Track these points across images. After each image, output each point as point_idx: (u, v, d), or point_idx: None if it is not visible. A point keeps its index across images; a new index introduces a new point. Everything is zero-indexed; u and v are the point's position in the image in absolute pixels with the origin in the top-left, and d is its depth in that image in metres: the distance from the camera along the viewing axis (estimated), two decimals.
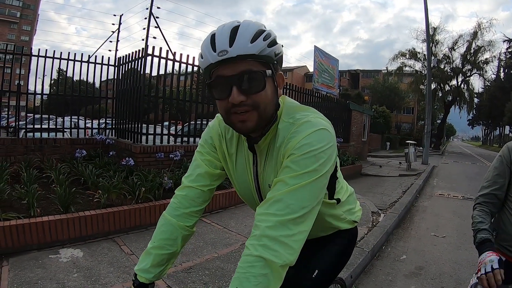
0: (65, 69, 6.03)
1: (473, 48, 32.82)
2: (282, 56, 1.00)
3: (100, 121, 6.71)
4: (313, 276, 1.26)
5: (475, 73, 34.57)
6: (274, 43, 0.95)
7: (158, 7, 27.67)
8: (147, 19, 24.96)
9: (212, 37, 0.92)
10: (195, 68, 6.31)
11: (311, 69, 22.53)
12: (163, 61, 5.75)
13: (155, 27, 25.11)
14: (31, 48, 5.81)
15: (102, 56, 6.46)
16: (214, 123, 1.23)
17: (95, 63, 6.34)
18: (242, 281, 0.83)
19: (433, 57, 25.07)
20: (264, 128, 1.03)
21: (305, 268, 1.26)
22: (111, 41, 27.89)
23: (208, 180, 1.19)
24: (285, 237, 0.86)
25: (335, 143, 1.00)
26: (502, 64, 41.24)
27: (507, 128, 55.84)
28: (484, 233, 1.50)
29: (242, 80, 0.91)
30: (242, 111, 0.93)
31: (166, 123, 7.21)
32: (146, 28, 24.92)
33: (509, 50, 42.72)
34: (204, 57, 0.93)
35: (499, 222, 1.67)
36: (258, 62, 0.92)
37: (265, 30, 0.94)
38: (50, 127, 5.80)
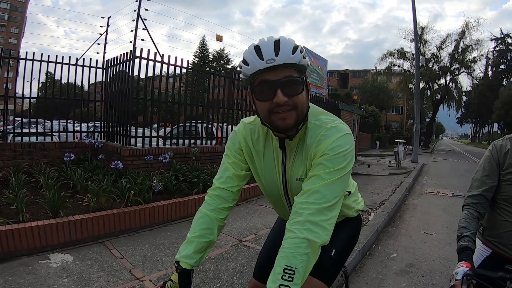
0: (53, 72, 5.97)
1: (461, 47, 33.23)
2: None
3: (89, 124, 6.65)
4: (331, 255, 1.45)
5: (463, 71, 35.01)
6: (305, 56, 1.11)
7: (146, 9, 27.54)
8: (135, 21, 24.75)
9: (257, 48, 1.08)
10: (184, 70, 6.30)
11: None
12: (151, 63, 5.74)
13: (143, 29, 24.92)
14: (19, 51, 5.81)
15: (90, 59, 6.43)
16: (239, 127, 1.39)
17: (83, 65, 6.28)
18: (290, 259, 1.00)
19: (421, 56, 25.30)
20: (298, 126, 1.19)
21: (325, 248, 1.38)
22: (99, 44, 27.61)
23: (236, 181, 1.36)
24: (323, 221, 1.06)
25: (354, 144, 1.19)
26: (490, 62, 41.87)
27: (496, 125, 56.43)
28: (465, 240, 1.48)
29: (285, 84, 1.08)
30: (284, 110, 1.10)
31: (155, 125, 7.19)
32: (134, 31, 24.70)
33: (497, 48, 43.41)
34: (251, 64, 1.08)
35: (487, 219, 1.69)
36: (296, 70, 1.10)
37: (298, 46, 1.10)
38: (38, 131, 5.74)
